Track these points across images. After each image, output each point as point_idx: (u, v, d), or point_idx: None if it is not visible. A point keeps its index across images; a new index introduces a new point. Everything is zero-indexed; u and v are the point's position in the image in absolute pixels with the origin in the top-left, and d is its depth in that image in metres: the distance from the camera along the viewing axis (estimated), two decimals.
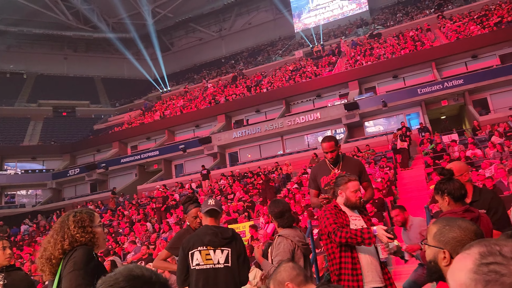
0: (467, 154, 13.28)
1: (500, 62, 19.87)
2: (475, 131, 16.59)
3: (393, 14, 30.66)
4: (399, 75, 21.99)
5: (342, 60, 25.69)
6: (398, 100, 19.93)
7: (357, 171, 3.77)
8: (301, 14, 34.95)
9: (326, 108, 21.47)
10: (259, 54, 35.55)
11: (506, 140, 13.88)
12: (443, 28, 24.08)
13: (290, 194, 14.02)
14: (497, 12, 22.58)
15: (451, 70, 20.95)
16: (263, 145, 23.32)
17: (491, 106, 19.03)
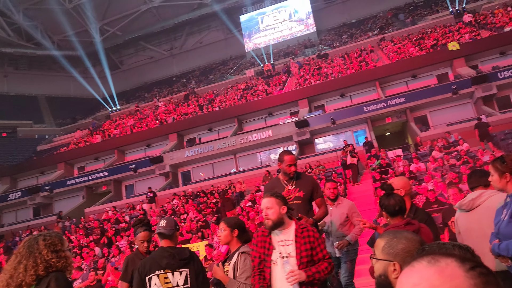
0: (410, 169, 13.99)
1: (437, 82, 21.27)
2: (417, 146, 17.55)
3: (338, 36, 32.04)
4: (346, 93, 22.90)
5: (292, 79, 26.39)
6: (345, 118, 20.69)
7: (311, 188, 3.83)
8: (252, 34, 35.66)
9: (277, 126, 21.86)
10: (210, 72, 35.71)
11: (445, 155, 14.79)
12: (385, 49, 25.47)
13: (244, 212, 14.03)
14: (432, 35, 24.26)
15: (393, 88, 22.13)
16: (216, 164, 23.24)
17: (430, 122, 20.25)
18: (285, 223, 2.83)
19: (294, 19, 34.39)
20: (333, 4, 34.49)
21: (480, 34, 22.43)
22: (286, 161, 3.83)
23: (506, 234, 2.60)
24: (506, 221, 2.64)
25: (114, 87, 34.40)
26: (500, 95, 19.25)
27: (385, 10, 32.07)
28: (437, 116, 20.06)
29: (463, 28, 23.83)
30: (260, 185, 17.41)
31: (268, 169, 18.91)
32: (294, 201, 3.72)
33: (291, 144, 21.79)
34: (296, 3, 34.36)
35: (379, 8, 32.29)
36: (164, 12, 36.86)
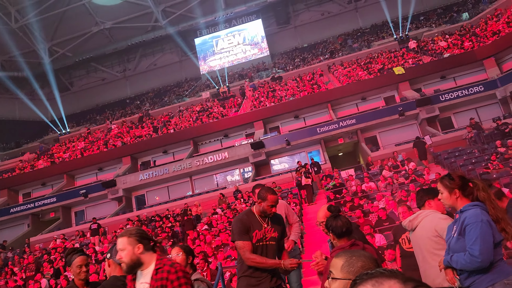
0: (363, 188, 14.45)
1: (385, 104, 22.32)
2: (369, 166, 18.20)
3: (291, 59, 32.97)
4: (300, 115, 23.46)
5: (248, 101, 26.71)
6: (300, 139, 21.14)
7: (282, 228, 3.63)
8: (207, 57, 35.91)
9: (233, 148, 21.93)
10: (165, 94, 35.41)
11: (394, 174, 15.44)
12: (335, 73, 26.48)
13: (200, 235, 13.82)
14: (379, 60, 25.56)
15: (345, 110, 22.96)
16: (171, 187, 22.84)
17: (380, 143, 21.12)
18: (144, 263, 2.49)
19: (248, 42, 35.08)
20: (286, 29, 35.57)
21: (422, 59, 23.91)
22: (269, 201, 3.44)
23: (456, 250, 2.72)
24: (456, 238, 2.75)
25: (64, 109, 33.20)
26: (442, 116, 20.49)
27: (335, 35, 33.48)
28: (386, 137, 20.98)
29: (406, 54, 25.31)
30: (217, 207, 17.27)
31: (222, 192, 18.85)
32: (270, 242, 3.45)
33: (248, 166, 21.88)
34: (250, 27, 35.13)
35: (328, 34, 33.68)
36: (117, 33, 36.38)
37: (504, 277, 2.60)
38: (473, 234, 2.59)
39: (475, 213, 2.66)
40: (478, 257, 2.55)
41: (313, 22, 34.66)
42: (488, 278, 2.61)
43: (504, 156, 14.01)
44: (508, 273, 2.64)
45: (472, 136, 17.49)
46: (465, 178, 2.84)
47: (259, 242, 3.38)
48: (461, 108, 20.48)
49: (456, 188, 2.80)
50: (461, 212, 2.76)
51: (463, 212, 2.74)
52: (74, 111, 37.35)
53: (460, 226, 2.71)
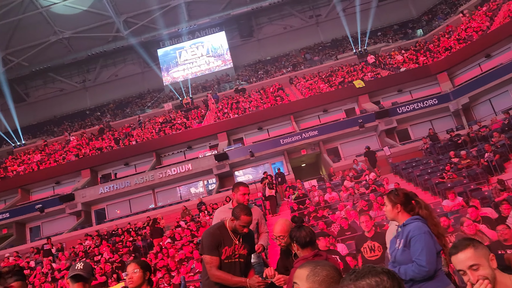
0: (325, 198, 14.70)
1: (345, 116, 22.93)
2: (331, 176, 18.56)
3: (255, 71, 33.32)
4: (264, 127, 23.67)
5: (211, 112, 26.67)
6: (263, 150, 21.29)
7: (252, 244, 3.62)
8: (170, 68, 35.63)
9: (197, 159, 21.77)
10: (127, 106, 34.74)
11: (356, 184, 15.82)
12: (298, 85, 26.98)
13: (163, 249, 13.55)
14: (340, 73, 26.30)
15: (307, 122, 23.38)
16: (133, 200, 22.32)
17: (341, 154, 21.62)
18: None
19: (212, 54, 35.15)
20: (249, 41, 35.96)
21: (380, 73, 24.81)
22: (242, 221, 3.32)
23: (402, 261, 2.87)
24: (401, 250, 2.90)
25: (19, 121, 31.83)
26: (400, 128, 21.29)
27: (297, 49, 34.18)
28: (347, 148, 21.51)
29: (365, 68, 26.20)
30: (180, 220, 17.03)
31: (185, 204, 18.63)
32: (239, 259, 3.38)
33: (211, 177, 21.76)
34: (213, 39, 35.25)
35: (291, 47, 34.34)
36: (77, 43, 35.45)
37: (444, 286, 2.79)
38: (419, 245, 2.76)
39: (417, 225, 2.84)
40: (425, 267, 2.71)
41: (276, 35, 35.26)
42: (431, 286, 2.76)
43: (458, 166, 14.70)
44: (447, 283, 2.84)
45: (427, 147, 18.25)
46: (409, 195, 3.04)
47: (228, 259, 3.32)
48: (417, 120, 21.36)
49: (398, 203, 2.99)
50: (404, 225, 2.93)
51: (406, 225, 2.92)
52: (30, 123, 35.88)
53: (405, 238, 2.87)
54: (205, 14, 33.82)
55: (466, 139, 17.23)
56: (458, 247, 2.01)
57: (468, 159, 14.84)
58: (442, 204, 11.31)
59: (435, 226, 2.93)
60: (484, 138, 16.51)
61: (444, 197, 12.22)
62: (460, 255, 1.98)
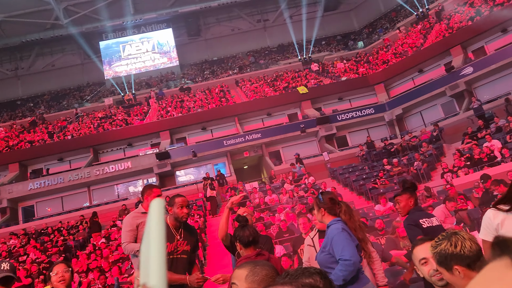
0: (265, 200, 14.95)
1: (288, 120, 23.46)
2: (272, 179, 18.89)
3: (201, 71, 33.08)
4: (208, 127, 23.57)
5: (154, 110, 26.09)
6: (206, 151, 21.21)
7: (195, 239, 3.59)
8: (112, 61, 34.33)
9: (137, 157, 21.20)
10: (64, 98, 32.97)
11: (295, 187, 16.24)
12: (243, 87, 27.19)
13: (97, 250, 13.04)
14: (284, 78, 26.87)
15: (251, 125, 23.62)
16: (66, 197, 21.26)
17: (282, 157, 22.09)
18: None
19: (157, 51, 34.37)
20: (196, 40, 35.62)
21: (323, 81, 25.69)
22: (178, 203, 3.32)
23: (320, 262, 3.03)
24: (320, 251, 3.10)
25: None
26: (339, 135, 22.16)
27: (244, 51, 34.41)
28: (289, 152, 22.01)
29: (309, 74, 27.00)
30: (117, 219, 16.48)
31: (125, 203, 18.08)
32: (182, 255, 3.36)
33: (152, 176, 21.29)
34: (160, 35, 34.51)
35: (238, 50, 34.51)
36: (9, 28, 33.05)
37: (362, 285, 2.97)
38: (339, 242, 2.94)
39: (336, 226, 3.05)
40: (350, 259, 2.86)
41: (223, 36, 35.25)
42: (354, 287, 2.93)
43: (390, 173, 15.60)
44: (366, 282, 3.03)
45: (363, 154, 19.18)
46: (334, 200, 3.26)
47: (169, 255, 3.26)
48: (355, 128, 22.37)
49: (323, 207, 3.20)
50: (328, 227, 3.14)
51: (329, 227, 3.12)
52: None
53: (327, 239, 3.06)
54: (152, 9, 33.04)
55: (398, 148, 18.34)
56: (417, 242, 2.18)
57: (399, 167, 15.81)
58: (375, 208, 11.95)
59: (355, 230, 3.13)
60: (414, 148, 17.67)
61: (376, 201, 12.92)
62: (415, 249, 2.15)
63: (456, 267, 1.70)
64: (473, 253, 1.70)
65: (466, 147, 14.87)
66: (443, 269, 1.76)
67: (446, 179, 13.13)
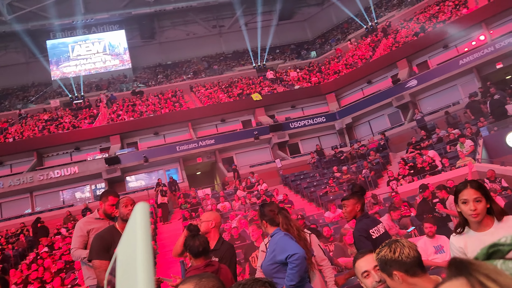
0: (218, 207, 14.90)
1: (242, 127, 23.57)
2: (225, 185, 18.87)
3: (154, 75, 32.49)
4: (160, 132, 23.16)
5: (104, 113, 25.27)
6: (158, 156, 20.83)
7: None
8: (60, 62, 32.89)
9: (85, 162, 20.42)
10: (5, 98, 31.12)
11: (248, 194, 16.32)
12: (197, 93, 27.02)
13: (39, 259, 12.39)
14: (239, 85, 27.01)
15: (204, 130, 23.48)
16: (5, 203, 20.06)
17: (236, 163, 22.11)
18: None
19: (109, 52, 33.36)
20: (150, 43, 34.98)
21: (277, 89, 26.08)
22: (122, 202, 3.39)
23: (264, 271, 3.13)
24: (265, 259, 3.19)
25: None
26: (291, 142, 22.56)
27: (199, 56, 34.21)
28: (242, 158, 22.11)
29: (263, 82, 27.32)
30: (61, 226, 15.77)
31: (70, 210, 17.35)
32: None
33: (100, 182, 20.58)
34: (112, 37, 33.54)
35: (193, 54, 34.26)
36: None
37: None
38: (283, 244, 3.05)
39: (278, 234, 3.17)
40: (296, 253, 2.95)
41: (178, 40, 34.88)
42: None
43: (339, 180, 16.08)
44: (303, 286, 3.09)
45: (314, 161, 19.65)
46: (274, 211, 3.33)
47: None
48: (307, 136, 22.88)
49: (264, 219, 3.29)
50: (271, 237, 3.24)
51: (272, 236, 3.22)
52: None
53: (270, 248, 3.16)
54: (104, 9, 32.11)
55: (347, 155, 18.96)
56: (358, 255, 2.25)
57: (349, 174, 16.35)
58: (325, 215, 12.26)
59: (297, 237, 3.23)
60: (362, 156, 18.34)
61: (326, 208, 13.26)
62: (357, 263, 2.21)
63: (395, 272, 1.79)
64: (411, 260, 1.79)
65: (410, 156, 15.64)
66: (385, 275, 1.86)
67: (392, 187, 13.74)
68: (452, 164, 13.41)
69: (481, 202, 2.24)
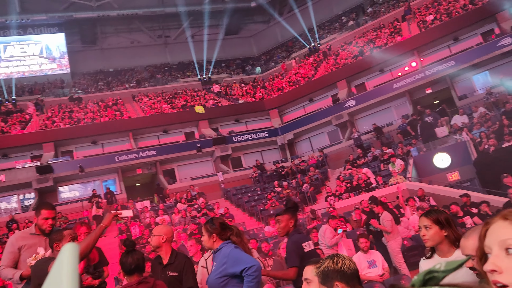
0: (156, 220, 14.54)
1: (185, 139, 23.32)
2: (165, 198, 18.48)
3: (94, 82, 31.29)
4: (98, 141, 22.27)
5: (38, 119, 23.85)
6: (96, 166, 20.01)
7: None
8: None
9: (13, 170, 19.11)
10: None
11: (188, 207, 16.11)
12: (140, 102, 26.39)
13: None
14: (183, 96, 26.78)
15: (146, 141, 22.92)
16: None
17: (177, 176, 21.80)
18: None
19: (46, 55, 31.64)
20: (91, 49, 33.70)
21: (221, 102, 26.19)
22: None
23: (211, 286, 3.10)
24: (212, 273, 3.16)
25: None
26: (234, 156, 22.67)
27: (142, 65, 33.50)
28: (184, 171, 21.82)
29: (208, 95, 27.31)
30: None
31: None
32: None
33: (30, 192, 19.32)
34: (50, 40, 31.90)
35: (136, 63, 33.48)
36: None
37: None
38: (236, 255, 3.05)
39: (228, 246, 3.14)
40: (254, 265, 2.96)
41: (121, 48, 33.93)
42: None
43: (280, 195, 16.38)
44: None
45: (256, 176, 19.87)
46: (224, 224, 3.30)
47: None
48: (250, 150, 23.12)
49: (214, 233, 3.20)
50: (218, 250, 3.18)
51: (220, 250, 3.17)
52: None
53: (219, 262, 3.12)
54: (42, 11, 30.55)
55: (288, 171, 19.39)
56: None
57: (289, 189, 16.71)
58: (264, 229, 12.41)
59: (246, 252, 3.22)
60: (302, 171, 18.84)
61: (266, 223, 13.43)
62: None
63: (337, 283, 1.89)
64: (352, 271, 1.91)
65: (347, 173, 16.33)
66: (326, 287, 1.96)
67: (329, 202, 14.24)
68: (385, 182, 14.19)
69: (431, 229, 2.47)
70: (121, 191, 19.89)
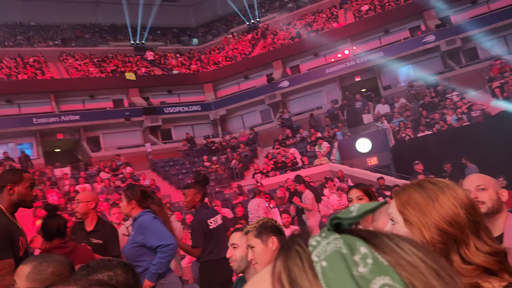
0: (76, 188, 13.88)
1: (113, 106, 22.25)
2: (87, 166, 17.64)
3: (13, 35, 28.51)
4: (14, 100, 20.45)
5: None
6: (9, 128, 18.46)
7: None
8: None
9: None
10: None
11: (112, 177, 15.54)
12: (65, 63, 24.60)
13: None
14: (113, 61, 25.40)
15: (69, 105, 21.50)
16: None
17: (102, 144, 20.84)
18: None
19: None
20: None
21: (154, 71, 25.27)
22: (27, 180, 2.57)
23: (127, 256, 3.02)
24: (128, 243, 3.10)
25: None
26: (164, 128, 22.15)
27: (70, 23, 31.04)
28: (109, 139, 20.91)
29: (140, 62, 26.18)
30: None
31: None
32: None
33: None
34: None
35: (63, 20, 30.94)
36: None
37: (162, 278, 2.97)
38: (156, 229, 2.98)
39: (147, 216, 3.05)
40: (170, 242, 2.93)
41: (46, 1, 31.15)
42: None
43: (209, 170, 16.38)
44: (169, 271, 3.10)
45: (186, 149, 19.65)
46: (146, 192, 3.21)
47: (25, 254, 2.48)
48: (181, 123, 22.71)
49: (134, 200, 3.11)
50: (136, 219, 3.10)
51: (138, 218, 3.09)
52: None
53: (136, 231, 3.05)
54: None
55: (218, 146, 19.41)
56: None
57: (218, 164, 16.77)
58: None
59: (165, 222, 3.16)
60: (232, 148, 18.97)
61: None
62: None
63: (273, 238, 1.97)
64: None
65: (275, 152, 16.73)
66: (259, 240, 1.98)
67: (256, 179, 14.54)
68: (311, 163, 14.77)
69: (363, 200, 2.63)
70: (39, 156, 18.62)
